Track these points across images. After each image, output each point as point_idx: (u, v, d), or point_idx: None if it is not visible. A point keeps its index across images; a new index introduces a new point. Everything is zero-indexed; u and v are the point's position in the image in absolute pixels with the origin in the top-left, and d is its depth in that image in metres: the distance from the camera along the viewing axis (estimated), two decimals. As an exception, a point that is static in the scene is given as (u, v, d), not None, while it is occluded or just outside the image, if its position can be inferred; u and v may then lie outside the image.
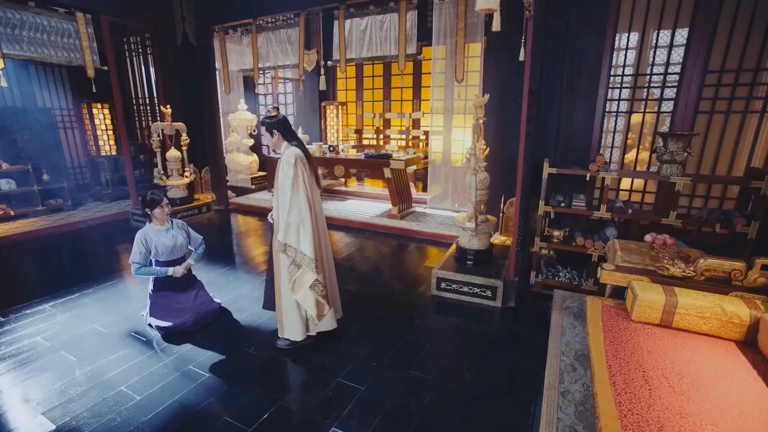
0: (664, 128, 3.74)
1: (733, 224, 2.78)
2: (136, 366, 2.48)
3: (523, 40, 2.54)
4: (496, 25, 1.92)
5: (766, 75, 3.19)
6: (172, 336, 2.78)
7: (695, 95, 3.37)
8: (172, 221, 2.91)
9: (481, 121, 3.38)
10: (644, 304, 2.09)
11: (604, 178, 3.15)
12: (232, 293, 3.49)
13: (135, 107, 6.42)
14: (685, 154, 2.86)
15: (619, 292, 2.53)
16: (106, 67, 5.11)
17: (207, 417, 2.07)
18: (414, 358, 2.59)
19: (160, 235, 2.80)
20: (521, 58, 2.58)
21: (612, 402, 1.57)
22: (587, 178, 3.23)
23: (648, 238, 2.70)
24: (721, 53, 3.26)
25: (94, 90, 4.85)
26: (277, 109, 2.52)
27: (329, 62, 5.44)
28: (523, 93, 2.74)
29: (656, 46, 3.58)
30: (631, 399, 1.58)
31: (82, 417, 2.06)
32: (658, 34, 3.62)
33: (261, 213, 6.44)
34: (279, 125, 2.46)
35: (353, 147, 7.53)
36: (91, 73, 4.91)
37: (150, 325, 2.87)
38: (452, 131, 5.89)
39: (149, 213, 2.81)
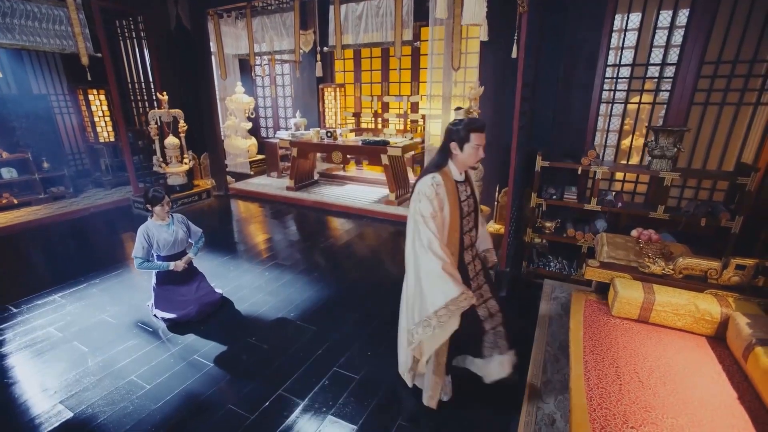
0: (660, 115, 3.74)
1: (718, 219, 2.85)
2: (144, 356, 2.63)
3: (515, 37, 2.53)
4: (483, 35, 1.92)
5: (763, 67, 3.17)
6: (176, 326, 2.92)
7: (691, 86, 3.37)
8: (172, 216, 3.00)
9: (475, 113, 3.40)
10: (624, 301, 2.20)
11: (596, 171, 3.20)
12: (233, 283, 3.62)
13: (131, 93, 6.38)
14: (676, 149, 2.90)
15: (604, 285, 2.64)
16: (100, 54, 5.05)
17: (212, 405, 2.23)
18: (407, 347, 2.74)
19: (161, 231, 2.90)
20: (514, 55, 2.57)
21: (584, 397, 1.69)
22: (579, 171, 3.28)
23: (634, 233, 2.78)
24: (719, 43, 3.23)
25: (89, 78, 4.82)
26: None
27: (325, 48, 5.36)
28: (517, 88, 2.74)
29: (655, 27, 3.51)
30: (602, 394, 1.70)
31: (97, 405, 2.23)
32: (656, 23, 3.56)
33: (261, 199, 6.51)
34: None
35: (351, 131, 7.50)
36: (85, 60, 4.86)
37: (155, 315, 3.01)
38: (450, 114, 5.86)
39: (150, 209, 2.89)
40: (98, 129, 6.41)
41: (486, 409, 2.20)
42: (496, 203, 4.44)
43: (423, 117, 7.07)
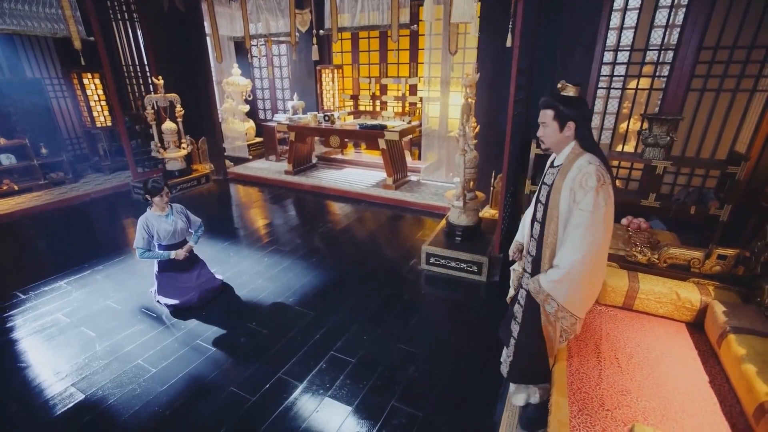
0: (658, 99, 3.73)
1: (707, 207, 2.90)
2: (149, 341, 2.75)
3: (510, 26, 2.51)
4: (474, 31, 1.92)
5: (761, 53, 3.14)
6: (179, 312, 3.03)
7: (688, 72, 3.35)
8: (171, 206, 3.05)
9: (471, 100, 3.39)
10: (609, 289, 2.28)
11: (589, 159, 3.23)
12: (233, 269, 3.72)
13: (126, 77, 6.30)
14: (669, 137, 2.91)
15: (592, 272, 2.72)
16: (92, 38, 4.97)
17: (215, 387, 2.35)
18: (402, 332, 2.85)
19: (160, 221, 2.96)
20: (508, 44, 2.55)
21: (565, 380, 1.79)
22: (573, 159, 3.30)
23: (624, 221, 2.83)
24: (718, 28, 3.19)
25: (83, 63, 4.77)
26: (577, 85, 1.65)
27: (321, 31, 5.27)
28: (512, 75, 2.73)
29: (656, 8, 3.46)
30: (582, 378, 1.80)
31: (107, 387, 2.35)
32: (657, 2, 3.50)
33: (259, 183, 6.55)
34: (580, 115, 1.60)
35: (350, 113, 7.44)
36: (77, 44, 4.79)
37: (158, 301, 3.12)
38: (449, 96, 5.82)
39: (149, 199, 2.95)
40: (94, 114, 6.37)
41: (474, 389, 2.32)
42: (491, 189, 4.48)
43: (421, 99, 7.00)
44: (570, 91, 1.63)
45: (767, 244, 1.96)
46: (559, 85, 1.66)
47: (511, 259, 2.04)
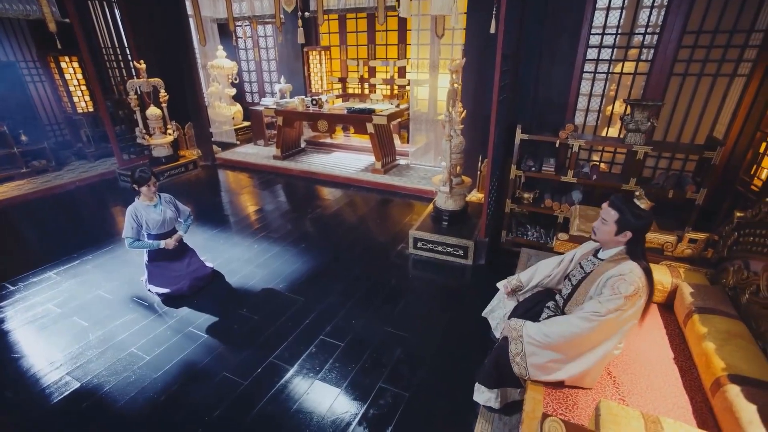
0: (642, 82, 3.76)
1: (684, 191, 2.99)
2: (142, 329, 2.80)
3: (495, 11, 2.50)
4: (454, 21, 1.91)
5: (742, 37, 3.18)
6: (170, 300, 3.08)
7: (671, 56, 3.38)
8: (159, 196, 3.05)
9: (456, 86, 3.39)
10: (586, 272, 2.37)
11: (573, 145, 3.28)
12: (223, 256, 3.75)
13: (106, 60, 6.11)
14: (649, 123, 2.97)
15: (572, 256, 2.81)
16: (68, 20, 4.80)
17: (208, 373, 2.42)
18: (389, 315, 2.94)
19: (149, 211, 2.96)
20: (492, 30, 2.55)
21: (541, 360, 1.89)
22: (557, 145, 3.35)
23: (604, 205, 2.91)
24: (701, 12, 3.21)
25: (59, 46, 4.61)
26: (652, 202, 1.75)
27: (306, 13, 5.14)
28: (496, 62, 2.73)
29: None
30: (557, 358, 1.91)
31: (102, 375, 2.41)
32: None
33: (248, 168, 6.50)
34: (640, 229, 1.69)
35: (338, 96, 7.35)
36: (52, 27, 4.61)
37: (149, 290, 3.15)
38: (438, 79, 5.77)
39: (137, 189, 2.94)
40: (75, 99, 6.20)
41: (458, 370, 2.43)
42: (478, 173, 4.53)
43: (409, 82, 6.92)
44: (643, 204, 1.68)
45: (734, 229, 2.05)
46: (636, 192, 1.73)
47: (504, 294, 2.34)
